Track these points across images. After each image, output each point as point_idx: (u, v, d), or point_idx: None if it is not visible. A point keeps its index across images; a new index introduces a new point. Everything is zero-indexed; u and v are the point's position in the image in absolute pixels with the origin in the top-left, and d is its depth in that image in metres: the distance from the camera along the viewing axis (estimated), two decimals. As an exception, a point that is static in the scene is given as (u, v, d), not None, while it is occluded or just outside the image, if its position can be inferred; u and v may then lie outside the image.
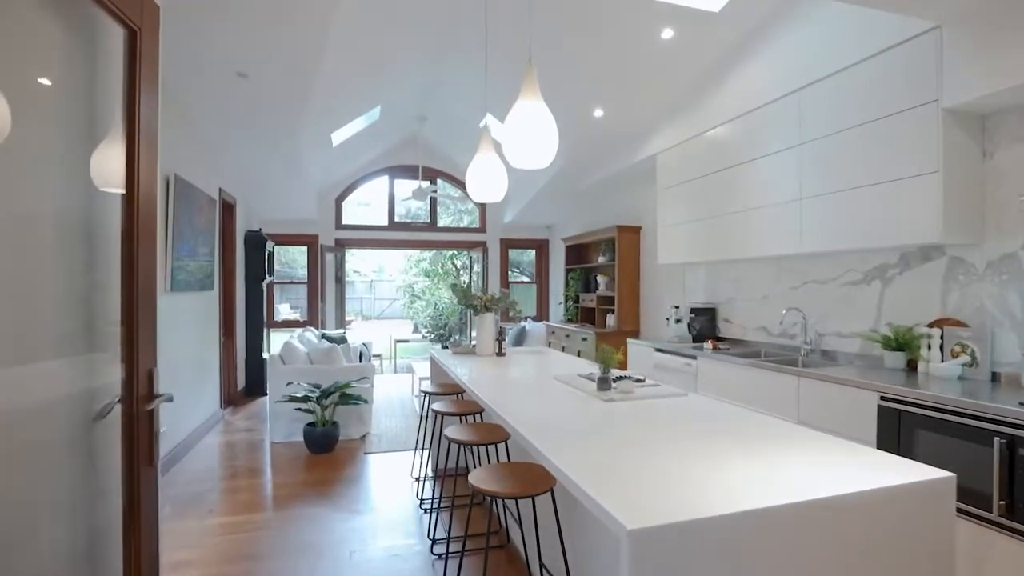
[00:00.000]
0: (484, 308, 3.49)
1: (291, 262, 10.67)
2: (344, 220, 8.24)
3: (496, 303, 3.53)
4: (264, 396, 6.32)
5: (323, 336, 6.37)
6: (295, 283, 9.12)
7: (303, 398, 4.28)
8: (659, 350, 4.32)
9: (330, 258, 8.24)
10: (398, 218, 8.55)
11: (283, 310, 9.47)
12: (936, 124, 2.53)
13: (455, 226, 10.12)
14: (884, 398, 2.48)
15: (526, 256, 9.92)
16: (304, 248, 8.12)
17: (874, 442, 2.50)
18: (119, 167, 1.17)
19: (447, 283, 13.22)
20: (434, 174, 8.43)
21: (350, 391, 4.44)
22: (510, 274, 9.07)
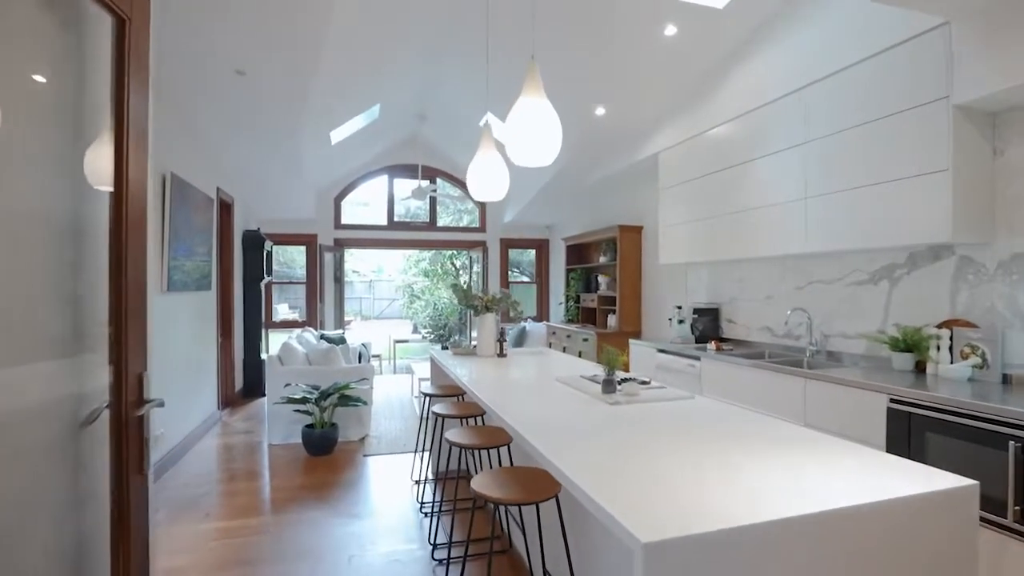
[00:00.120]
0: (485, 308, 3.44)
1: (290, 262, 10.62)
2: (343, 220, 8.19)
3: (497, 303, 3.48)
4: (262, 397, 6.26)
5: (322, 337, 6.31)
6: (294, 283, 9.07)
7: (301, 400, 4.22)
8: (662, 351, 4.27)
9: (329, 258, 8.19)
10: (397, 218, 8.50)
11: (282, 310, 9.42)
12: (946, 121, 2.48)
13: (455, 225, 10.07)
14: (894, 400, 2.44)
15: (526, 256, 9.88)
16: (303, 248, 8.07)
17: (883, 445, 2.45)
18: (107, 163, 1.12)
19: (446, 283, 13.17)
20: (433, 173, 8.38)
21: (349, 392, 4.38)
22: (510, 274, 9.02)
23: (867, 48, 2.84)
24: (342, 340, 6.39)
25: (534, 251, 9.15)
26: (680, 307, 4.65)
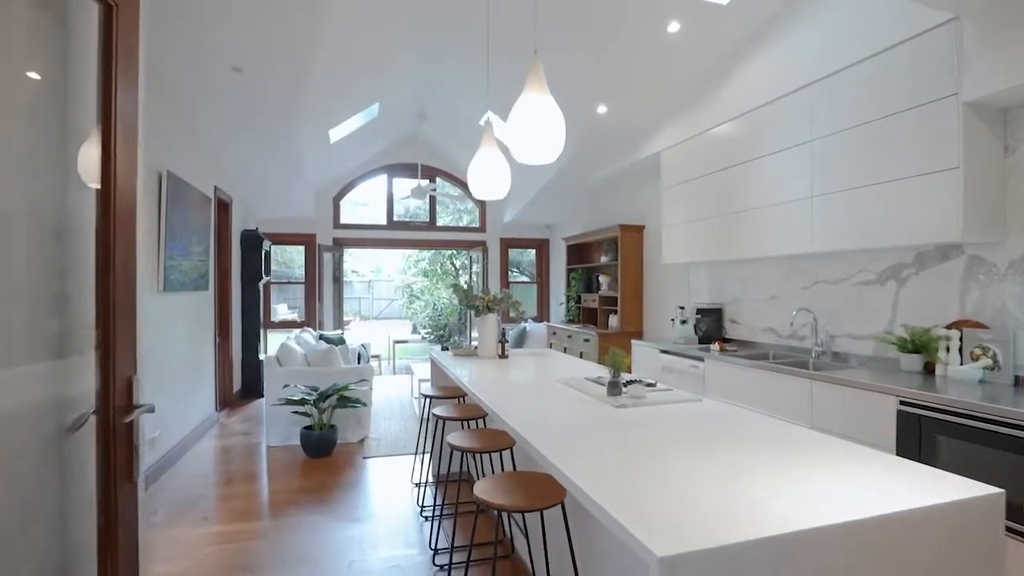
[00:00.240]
0: (487, 309, 3.39)
1: (288, 262, 10.55)
2: (342, 219, 8.13)
3: (499, 303, 3.43)
4: (261, 398, 6.20)
5: (321, 337, 6.26)
6: (292, 283, 9.01)
7: (300, 401, 4.17)
8: (665, 352, 4.22)
9: (328, 258, 8.13)
10: (397, 217, 8.45)
11: (280, 310, 9.36)
12: (956, 119, 2.44)
13: (454, 225, 10.02)
14: (904, 403, 2.39)
15: (526, 256, 9.82)
16: (301, 248, 8.01)
17: (893, 448, 2.41)
18: (94, 159, 1.07)
19: (446, 283, 13.11)
20: (433, 172, 8.32)
21: (348, 394, 4.33)
22: (510, 274, 8.97)
23: (874, 45, 2.80)
24: (341, 341, 6.33)
25: (534, 251, 9.10)
26: (683, 307, 4.60)
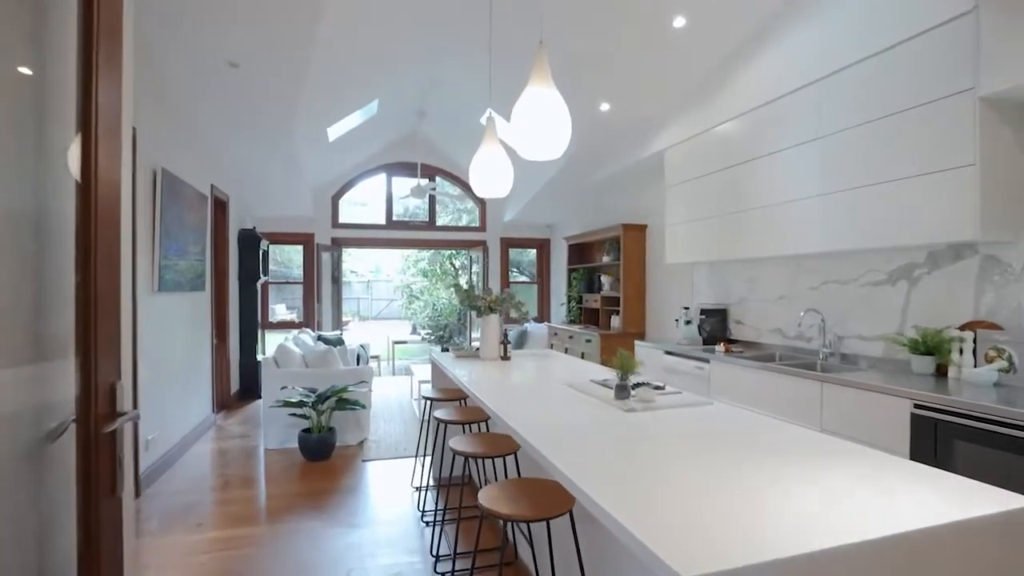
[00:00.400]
0: (489, 309, 3.32)
1: (287, 262, 10.46)
2: (341, 219, 8.05)
3: (501, 304, 3.36)
4: (259, 400, 6.13)
5: (319, 338, 6.18)
6: (291, 283, 8.92)
7: (298, 403, 4.09)
8: (669, 353, 4.16)
9: (326, 257, 8.06)
10: (396, 217, 8.37)
11: (279, 311, 9.28)
12: (972, 114, 2.37)
13: (454, 225, 9.95)
14: (918, 406, 2.32)
15: (526, 256, 9.75)
16: (300, 247, 7.93)
17: (907, 453, 2.34)
18: (74, 153, 0.99)
19: (445, 283, 13.03)
20: (433, 171, 8.25)
21: (347, 396, 4.26)
22: (510, 274, 8.90)
23: (886, 39, 2.73)
24: (340, 341, 6.26)
25: (535, 251, 9.03)
26: (687, 308, 4.54)
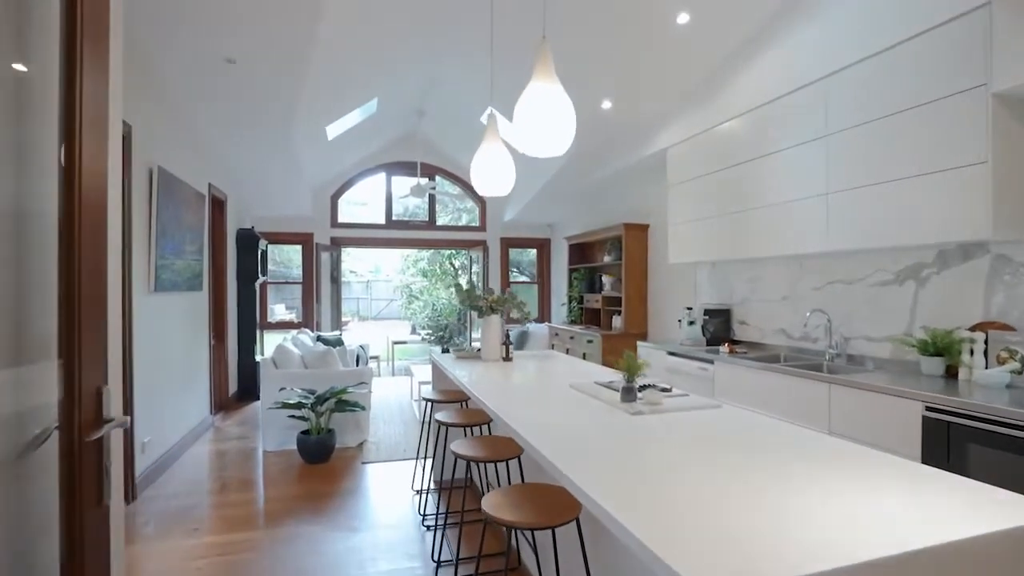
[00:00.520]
0: (490, 310, 3.27)
1: (286, 261, 10.41)
2: (340, 218, 8.00)
3: (503, 304, 3.31)
4: (257, 401, 6.07)
5: (318, 338, 6.13)
6: (290, 283, 8.87)
7: (296, 405, 4.04)
8: (672, 353, 4.11)
9: (325, 257, 8.00)
10: (395, 216, 8.32)
11: (278, 311, 9.23)
12: (985, 110, 2.32)
13: (454, 225, 9.89)
14: (930, 408, 2.27)
15: (526, 256, 9.70)
16: (299, 247, 7.88)
17: (919, 456, 2.29)
18: (55, 144, 0.94)
19: (445, 283, 12.97)
20: (433, 171, 8.20)
21: (347, 397, 4.20)
22: (510, 274, 8.85)
23: (895, 35, 2.68)
24: (339, 342, 6.21)
25: (535, 250, 8.98)
26: (691, 308, 4.49)
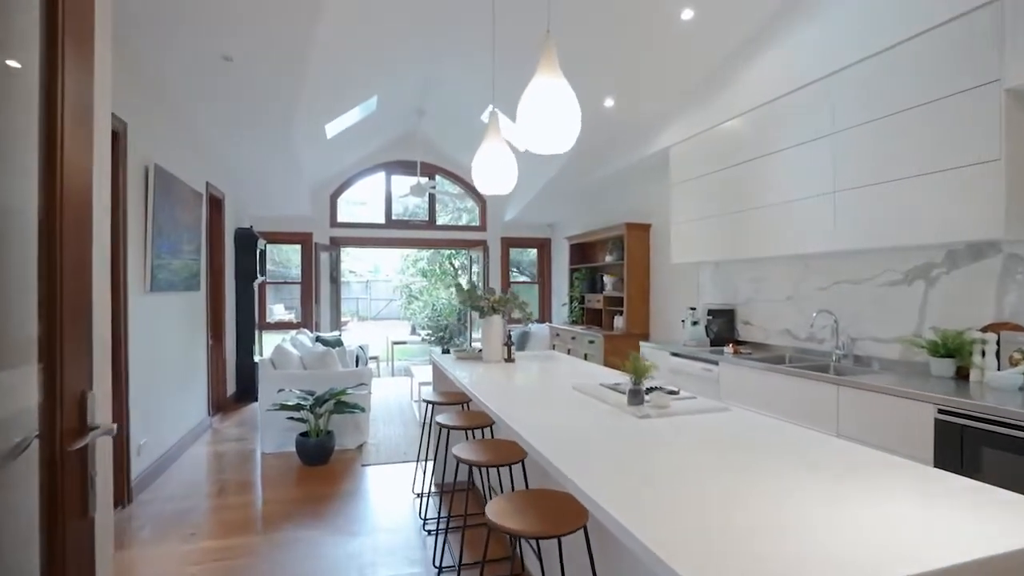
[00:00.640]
0: (492, 310, 3.22)
1: (285, 261, 10.36)
2: (339, 218, 7.95)
3: (505, 304, 3.26)
4: (256, 402, 6.01)
5: (317, 339, 6.07)
6: (289, 283, 8.82)
7: (295, 406, 3.98)
8: (675, 354, 4.06)
9: (325, 257, 7.95)
10: (395, 216, 8.27)
11: (277, 311, 9.18)
12: (997, 107, 2.27)
13: (454, 224, 9.84)
14: (943, 411, 2.22)
15: (526, 256, 9.65)
16: (298, 247, 7.83)
17: (931, 460, 2.24)
18: (35, 139, 0.89)
19: (445, 284, 12.91)
20: (433, 170, 8.15)
21: (346, 399, 4.15)
22: (510, 274, 8.80)
23: (905, 30, 2.63)
24: (339, 342, 6.16)
25: (535, 250, 8.93)
26: (694, 308, 4.44)
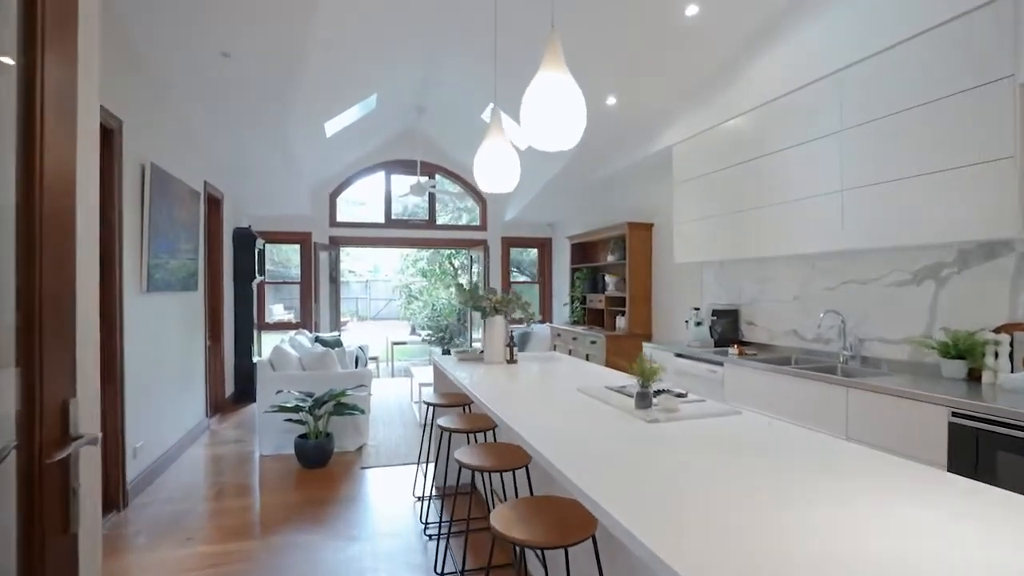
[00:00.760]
0: (494, 310, 3.16)
1: (284, 261, 10.30)
2: (339, 217, 7.89)
3: (507, 304, 3.20)
4: (254, 403, 5.96)
5: (317, 339, 6.01)
6: (288, 283, 8.77)
7: (294, 408, 3.93)
8: (680, 355, 4.00)
9: (324, 257, 7.89)
10: (395, 215, 8.21)
11: (277, 311, 9.13)
12: (1012, 103, 2.22)
13: (454, 224, 9.78)
14: (956, 414, 2.17)
15: (527, 255, 9.59)
16: (297, 246, 7.77)
17: (944, 464, 2.19)
18: (12, 133, 0.84)
19: (445, 283, 12.86)
20: (433, 169, 8.09)
21: (345, 400, 4.09)
22: (511, 274, 8.74)
23: (915, 25, 2.58)
24: (338, 343, 6.10)
25: (536, 250, 8.87)
26: (698, 309, 4.38)
